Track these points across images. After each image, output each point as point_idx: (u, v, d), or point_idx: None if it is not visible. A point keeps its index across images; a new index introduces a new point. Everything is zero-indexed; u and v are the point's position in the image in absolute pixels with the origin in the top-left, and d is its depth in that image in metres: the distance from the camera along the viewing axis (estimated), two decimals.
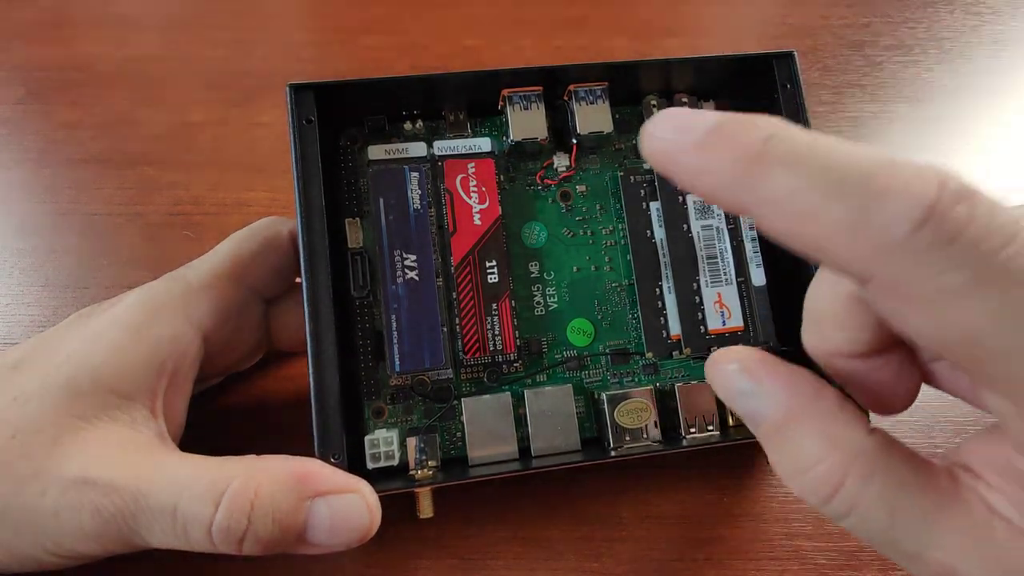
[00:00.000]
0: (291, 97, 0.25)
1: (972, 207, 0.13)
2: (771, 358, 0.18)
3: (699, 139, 0.15)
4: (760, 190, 0.15)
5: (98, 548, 0.21)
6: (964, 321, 0.14)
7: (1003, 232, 0.13)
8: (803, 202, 0.14)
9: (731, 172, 0.15)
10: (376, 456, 0.25)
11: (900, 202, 0.13)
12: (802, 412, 0.17)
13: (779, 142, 0.15)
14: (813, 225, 0.14)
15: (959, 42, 0.43)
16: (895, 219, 0.13)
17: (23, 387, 0.22)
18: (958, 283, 0.13)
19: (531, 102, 0.27)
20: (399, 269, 0.26)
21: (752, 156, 0.15)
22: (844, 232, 0.14)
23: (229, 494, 0.20)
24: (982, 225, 0.13)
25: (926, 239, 0.13)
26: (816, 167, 0.14)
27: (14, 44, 0.40)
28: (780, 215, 0.15)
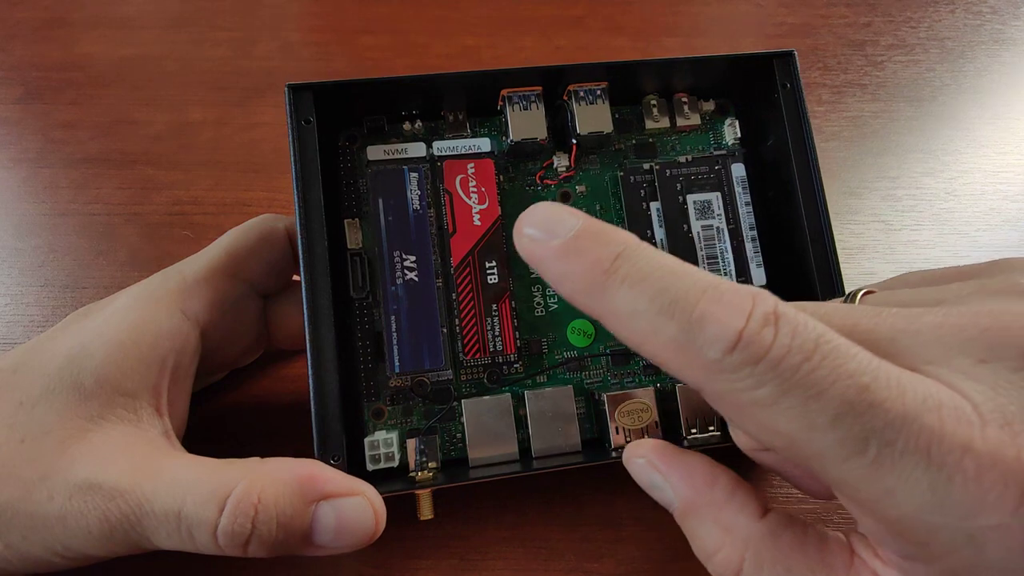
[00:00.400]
0: (290, 98, 0.25)
1: (776, 329, 0.15)
2: (673, 450, 0.20)
3: (560, 247, 0.17)
4: (607, 304, 0.17)
5: (106, 551, 0.21)
6: (778, 427, 0.15)
7: (802, 350, 0.15)
8: (641, 321, 0.16)
9: (584, 284, 0.17)
10: (376, 458, 0.25)
11: (715, 328, 0.15)
12: (699, 502, 0.19)
13: (625, 261, 0.17)
14: (650, 341, 0.16)
15: (960, 42, 0.43)
16: (711, 343, 0.15)
17: (27, 391, 0.22)
18: (766, 396, 0.15)
19: (530, 102, 0.27)
20: (399, 270, 0.26)
21: (601, 272, 0.17)
22: (673, 351, 0.16)
23: (233, 498, 0.20)
24: (783, 345, 0.15)
25: (736, 360, 0.15)
26: (653, 289, 0.16)
27: (14, 44, 0.40)
28: (624, 329, 0.17)
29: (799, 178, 0.27)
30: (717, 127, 0.30)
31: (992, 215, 0.37)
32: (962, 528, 0.14)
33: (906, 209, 0.37)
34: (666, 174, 0.28)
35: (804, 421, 0.15)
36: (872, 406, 0.15)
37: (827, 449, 0.15)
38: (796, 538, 0.18)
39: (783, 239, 0.28)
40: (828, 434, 0.15)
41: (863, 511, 0.16)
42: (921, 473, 0.14)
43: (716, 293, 0.16)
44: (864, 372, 0.15)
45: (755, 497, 0.19)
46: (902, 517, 0.15)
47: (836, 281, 0.27)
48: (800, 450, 0.16)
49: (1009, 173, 0.38)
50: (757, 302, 0.16)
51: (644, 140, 0.29)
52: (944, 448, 0.14)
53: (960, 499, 0.14)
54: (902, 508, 0.15)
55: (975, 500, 0.14)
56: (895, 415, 0.15)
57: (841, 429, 0.15)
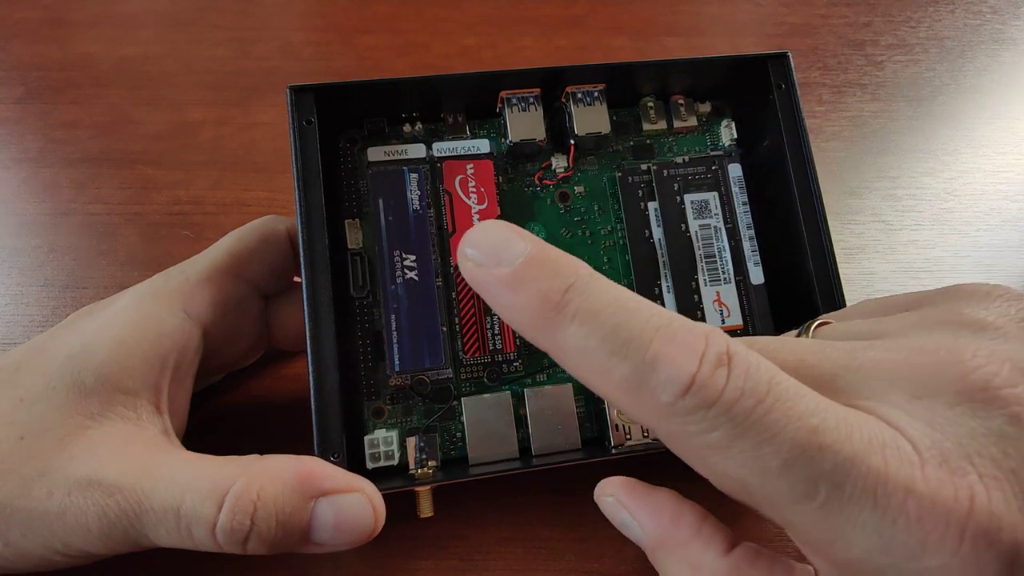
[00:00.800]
0: (291, 99, 0.25)
1: (729, 372, 0.15)
2: (640, 487, 0.20)
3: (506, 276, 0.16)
4: (557, 341, 0.16)
5: (105, 548, 0.21)
6: (729, 471, 0.15)
7: (755, 392, 0.15)
8: (592, 360, 0.16)
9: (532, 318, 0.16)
10: (376, 456, 0.25)
11: (668, 371, 0.15)
12: (665, 539, 0.19)
13: (576, 294, 0.16)
14: (601, 381, 0.16)
15: (960, 41, 0.43)
16: (664, 386, 0.15)
17: (28, 388, 0.22)
18: (718, 440, 0.15)
19: (529, 104, 0.27)
20: (399, 269, 0.26)
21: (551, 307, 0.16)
22: (625, 392, 0.16)
23: (232, 495, 0.20)
24: (736, 388, 0.15)
25: (688, 404, 0.15)
26: (605, 327, 0.16)
27: (14, 44, 0.40)
28: (574, 367, 0.17)
29: (795, 178, 0.27)
30: (714, 128, 0.30)
31: (992, 215, 0.37)
32: (908, 569, 0.14)
33: (906, 209, 0.37)
34: (664, 174, 0.29)
35: (755, 465, 0.15)
36: (822, 449, 0.15)
37: (778, 493, 0.15)
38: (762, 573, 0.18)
39: (781, 238, 0.28)
40: (779, 478, 0.15)
41: (814, 553, 0.16)
42: (868, 516, 0.14)
43: (669, 332, 0.16)
44: (813, 413, 0.15)
45: (721, 532, 0.19)
46: (851, 560, 0.15)
47: (834, 280, 0.27)
48: (751, 494, 0.16)
49: (1009, 173, 0.38)
50: (710, 342, 0.15)
51: (642, 141, 0.30)
52: (889, 490, 0.14)
53: (904, 541, 0.14)
54: (851, 551, 0.15)
55: (919, 541, 0.14)
56: (843, 457, 0.15)
57: (792, 473, 0.15)
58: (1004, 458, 0.15)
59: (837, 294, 0.26)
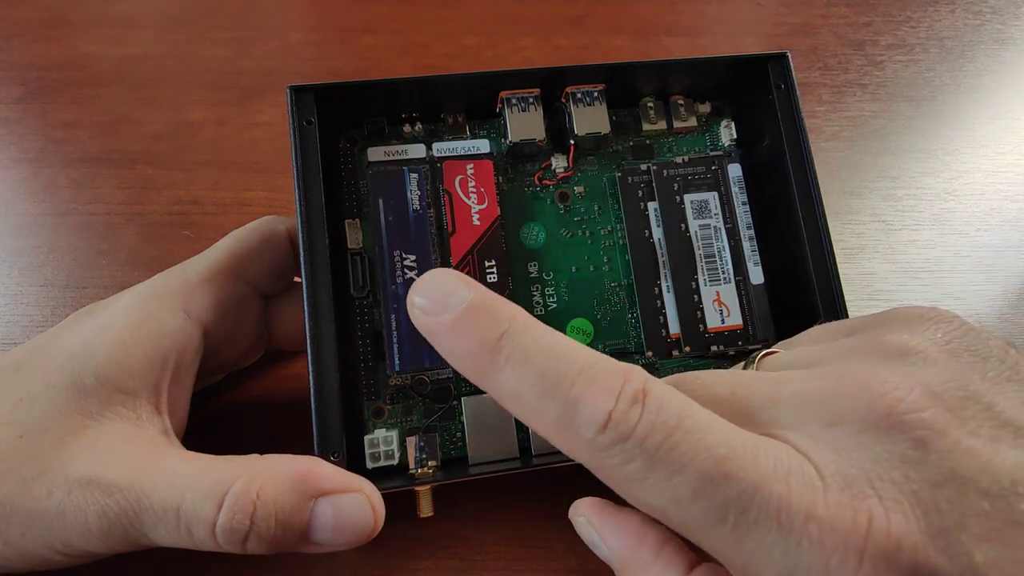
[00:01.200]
0: (291, 99, 0.25)
1: (643, 408, 0.16)
2: (609, 508, 0.20)
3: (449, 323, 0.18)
4: (495, 385, 0.17)
5: (105, 547, 0.21)
6: (648, 500, 0.16)
7: (665, 426, 0.16)
8: (526, 402, 0.17)
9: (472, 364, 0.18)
10: (376, 456, 0.25)
11: (587, 410, 0.16)
12: (629, 560, 0.19)
13: (509, 340, 0.17)
14: (536, 422, 0.17)
15: (960, 41, 0.43)
16: (584, 424, 0.16)
17: (28, 388, 0.22)
18: (635, 472, 0.16)
19: (529, 104, 0.27)
20: (399, 269, 0.26)
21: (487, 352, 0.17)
22: (555, 431, 0.17)
23: (232, 494, 0.20)
24: (648, 423, 0.16)
25: (606, 440, 0.16)
26: (535, 371, 0.17)
27: (13, 44, 0.40)
28: (512, 409, 0.18)
29: (795, 178, 0.27)
30: (713, 128, 0.30)
31: (992, 215, 0.37)
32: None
33: (906, 209, 0.37)
34: (663, 174, 0.29)
35: (669, 495, 0.16)
36: (728, 476, 0.15)
37: (692, 520, 0.16)
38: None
39: (781, 238, 0.28)
40: (691, 506, 0.16)
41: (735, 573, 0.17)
42: (773, 539, 0.15)
43: (591, 374, 0.17)
44: (722, 444, 0.16)
45: (682, 554, 0.19)
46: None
47: (834, 280, 0.27)
48: (672, 521, 0.17)
49: (1009, 173, 0.38)
50: (627, 381, 0.16)
51: (641, 142, 0.30)
52: (791, 514, 0.15)
53: (808, 562, 0.15)
54: (762, 573, 0.16)
55: (821, 564, 0.15)
56: (748, 484, 0.15)
57: (702, 501, 0.16)
58: (905, 481, 0.15)
59: (837, 294, 0.26)
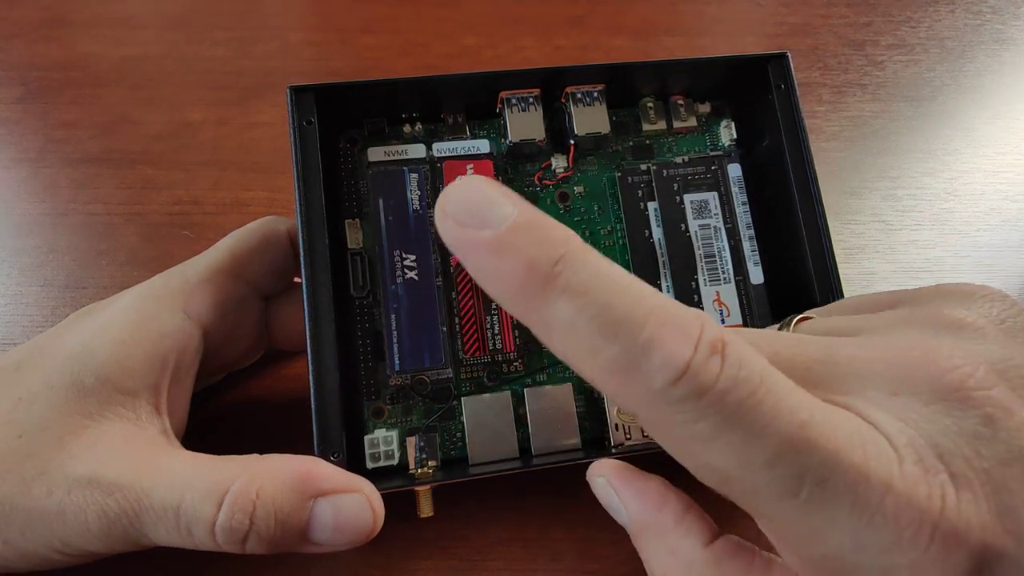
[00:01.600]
0: (292, 99, 0.25)
1: (723, 360, 0.14)
2: (630, 471, 0.20)
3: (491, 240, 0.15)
4: (542, 314, 0.15)
5: (104, 547, 0.21)
6: (714, 463, 0.15)
7: (748, 383, 0.14)
8: (580, 338, 0.15)
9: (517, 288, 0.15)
10: (376, 456, 0.25)
11: (661, 356, 0.14)
12: (648, 523, 0.19)
13: (567, 267, 0.15)
14: (586, 361, 0.15)
15: (960, 41, 0.43)
16: (656, 372, 0.14)
17: (28, 387, 0.22)
18: (706, 431, 0.14)
19: (529, 104, 0.27)
20: (399, 269, 0.26)
21: (540, 278, 0.15)
22: (611, 374, 0.15)
23: (232, 494, 0.20)
24: (729, 377, 0.14)
25: (680, 392, 0.14)
26: (596, 305, 0.15)
27: (13, 44, 0.40)
28: (558, 343, 0.16)
29: (795, 178, 0.27)
30: (713, 129, 0.30)
31: (992, 215, 0.37)
32: (879, 565, 0.15)
33: (906, 209, 0.37)
34: (663, 174, 0.29)
35: (742, 458, 0.15)
36: (809, 444, 0.14)
37: (761, 487, 0.15)
38: (741, 567, 0.18)
39: (781, 238, 0.28)
40: (764, 472, 0.15)
41: (786, 547, 0.16)
42: (846, 512, 0.14)
43: (663, 315, 0.15)
44: (803, 408, 0.15)
45: (704, 523, 0.19)
46: (824, 555, 0.15)
47: (833, 279, 0.27)
48: (733, 486, 0.15)
49: (1009, 173, 0.38)
50: (705, 328, 0.15)
51: (641, 142, 0.30)
52: (870, 487, 0.14)
53: (879, 537, 0.14)
54: (826, 546, 0.15)
55: (892, 539, 0.14)
56: (828, 453, 0.14)
57: (778, 468, 0.14)
58: (976, 458, 0.15)
59: (837, 294, 0.26)
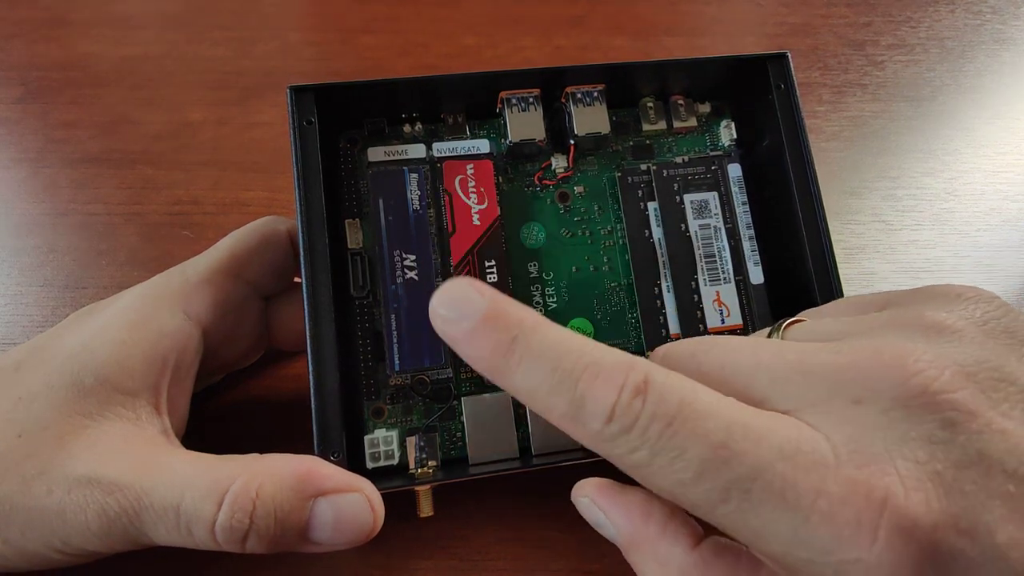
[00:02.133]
0: (292, 99, 0.25)
1: (645, 398, 0.17)
2: (613, 487, 0.21)
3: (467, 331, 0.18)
4: (511, 385, 0.18)
5: (104, 546, 0.21)
6: (656, 485, 0.17)
7: (665, 416, 0.16)
8: (539, 398, 0.18)
9: (489, 367, 0.18)
10: (376, 456, 0.25)
11: (592, 405, 0.17)
12: (636, 537, 0.20)
13: (519, 344, 0.18)
14: (550, 416, 0.18)
15: (960, 41, 0.43)
16: (591, 418, 0.17)
17: (28, 387, 0.22)
18: (641, 459, 0.17)
19: (529, 104, 0.27)
20: (399, 269, 0.26)
21: (501, 355, 0.18)
22: (567, 424, 0.18)
23: (232, 493, 0.20)
24: (649, 414, 0.17)
25: (613, 430, 0.17)
26: (544, 370, 0.18)
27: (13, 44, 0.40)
28: (528, 403, 0.19)
29: (795, 178, 0.27)
30: (713, 129, 0.30)
31: (992, 215, 0.37)
32: (825, 563, 0.15)
33: (906, 209, 0.37)
34: (663, 174, 0.29)
35: (673, 479, 0.16)
36: (726, 460, 0.16)
37: (697, 501, 0.16)
38: (728, 566, 0.18)
39: (781, 238, 0.28)
40: (695, 488, 0.16)
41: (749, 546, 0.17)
42: (779, 515, 0.16)
43: (595, 369, 0.17)
44: (720, 429, 0.16)
45: (688, 527, 0.19)
46: (776, 555, 0.16)
47: (833, 278, 0.27)
48: (679, 502, 0.17)
49: (1009, 173, 0.38)
50: (630, 374, 0.17)
51: (641, 142, 0.30)
52: (799, 492, 0.15)
53: (819, 536, 0.15)
54: (771, 547, 0.16)
55: (832, 538, 0.15)
56: (748, 467, 0.16)
57: (704, 483, 0.16)
58: (930, 461, 0.15)
59: (837, 294, 0.26)
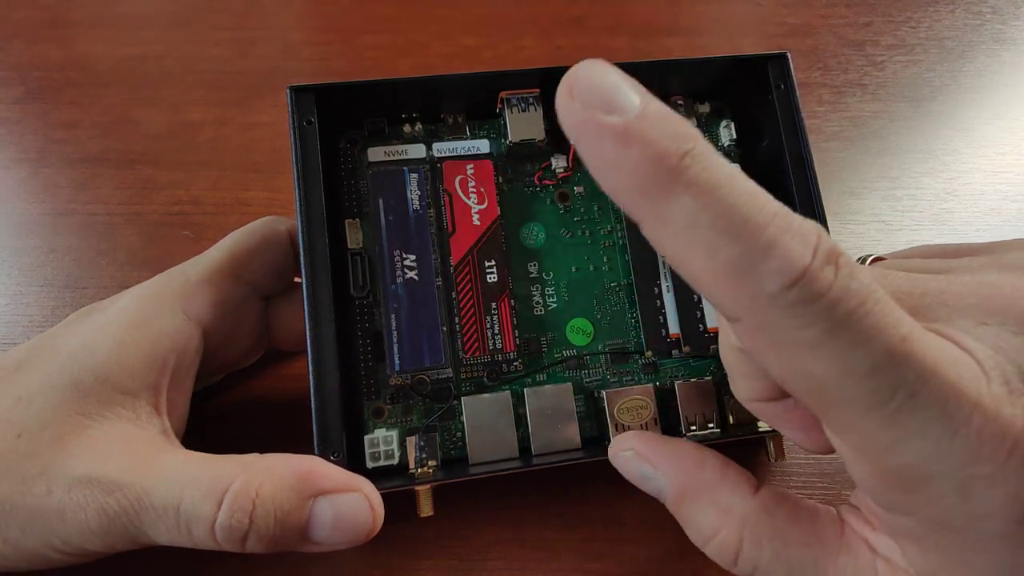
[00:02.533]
0: (291, 99, 0.25)
1: (837, 270, 0.14)
2: (658, 438, 0.20)
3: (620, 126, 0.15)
4: (662, 210, 0.15)
5: (104, 546, 0.21)
6: (814, 370, 0.15)
7: (859, 294, 0.14)
8: (698, 236, 0.14)
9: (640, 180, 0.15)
10: (376, 456, 0.25)
11: (779, 260, 0.14)
12: (691, 486, 0.19)
13: (695, 162, 0.14)
14: (700, 261, 0.15)
15: (960, 41, 0.43)
16: (772, 275, 0.14)
17: (27, 387, 0.22)
18: (814, 337, 0.14)
19: (529, 104, 0.27)
20: (399, 269, 0.26)
21: (665, 170, 0.14)
22: (727, 275, 0.15)
23: (231, 493, 0.20)
24: (842, 287, 0.14)
25: (794, 297, 0.14)
26: (721, 204, 0.14)
27: (13, 44, 0.40)
28: (673, 239, 0.15)
29: (795, 178, 0.27)
30: (713, 129, 0.30)
31: (992, 215, 0.37)
32: (955, 477, 0.15)
33: (906, 209, 0.37)
34: None
35: (843, 367, 0.15)
36: (909, 356, 0.15)
37: (855, 396, 0.15)
38: (789, 512, 0.18)
39: None
40: (862, 382, 0.15)
41: (864, 458, 0.16)
42: (933, 425, 0.15)
43: (785, 221, 0.14)
44: (904, 323, 0.15)
45: (745, 475, 0.19)
46: (903, 466, 0.16)
47: None
48: (826, 395, 0.15)
49: (1009, 173, 0.38)
50: (823, 238, 0.15)
51: None
52: (960, 401, 0.15)
53: (960, 449, 0.15)
54: (905, 457, 0.15)
55: (973, 451, 0.15)
56: (924, 368, 0.15)
57: (876, 378, 0.15)
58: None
59: None
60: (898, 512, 0.17)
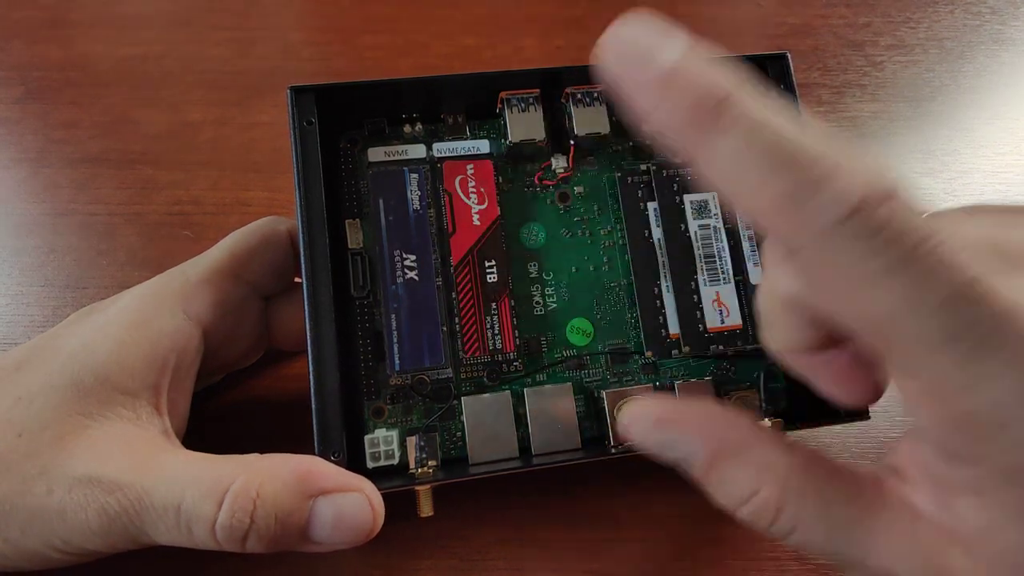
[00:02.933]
0: (292, 99, 0.25)
1: (899, 203, 0.14)
2: (678, 404, 0.19)
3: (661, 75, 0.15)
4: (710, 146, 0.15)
5: (105, 545, 0.21)
6: (879, 304, 0.14)
7: (925, 227, 0.14)
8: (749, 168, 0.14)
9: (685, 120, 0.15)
10: (376, 455, 0.25)
11: (839, 189, 0.14)
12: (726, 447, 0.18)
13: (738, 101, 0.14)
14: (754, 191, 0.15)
15: (959, 42, 0.43)
16: (832, 204, 0.14)
17: (27, 387, 0.22)
18: (879, 268, 0.14)
19: (529, 104, 0.27)
20: (399, 269, 0.26)
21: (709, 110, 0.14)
22: (782, 207, 0.14)
23: (232, 493, 0.20)
24: (903, 220, 0.14)
25: (854, 226, 0.14)
26: (768, 138, 0.14)
27: (13, 44, 0.40)
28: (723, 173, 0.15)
29: None
30: None
31: None
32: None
33: None
34: (663, 175, 0.29)
35: (911, 302, 0.14)
36: (982, 296, 0.14)
37: (924, 333, 0.14)
38: (829, 470, 0.18)
39: None
40: (931, 318, 0.14)
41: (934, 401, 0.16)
42: (1005, 369, 0.14)
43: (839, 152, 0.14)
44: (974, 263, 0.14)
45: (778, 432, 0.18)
46: (976, 411, 0.15)
47: None
48: (892, 330, 0.15)
49: (1009, 173, 0.38)
50: (882, 172, 0.14)
51: (641, 142, 0.30)
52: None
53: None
54: (979, 401, 0.15)
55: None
56: (999, 309, 0.14)
57: (946, 314, 0.14)
58: None
59: None
60: (964, 462, 0.16)
